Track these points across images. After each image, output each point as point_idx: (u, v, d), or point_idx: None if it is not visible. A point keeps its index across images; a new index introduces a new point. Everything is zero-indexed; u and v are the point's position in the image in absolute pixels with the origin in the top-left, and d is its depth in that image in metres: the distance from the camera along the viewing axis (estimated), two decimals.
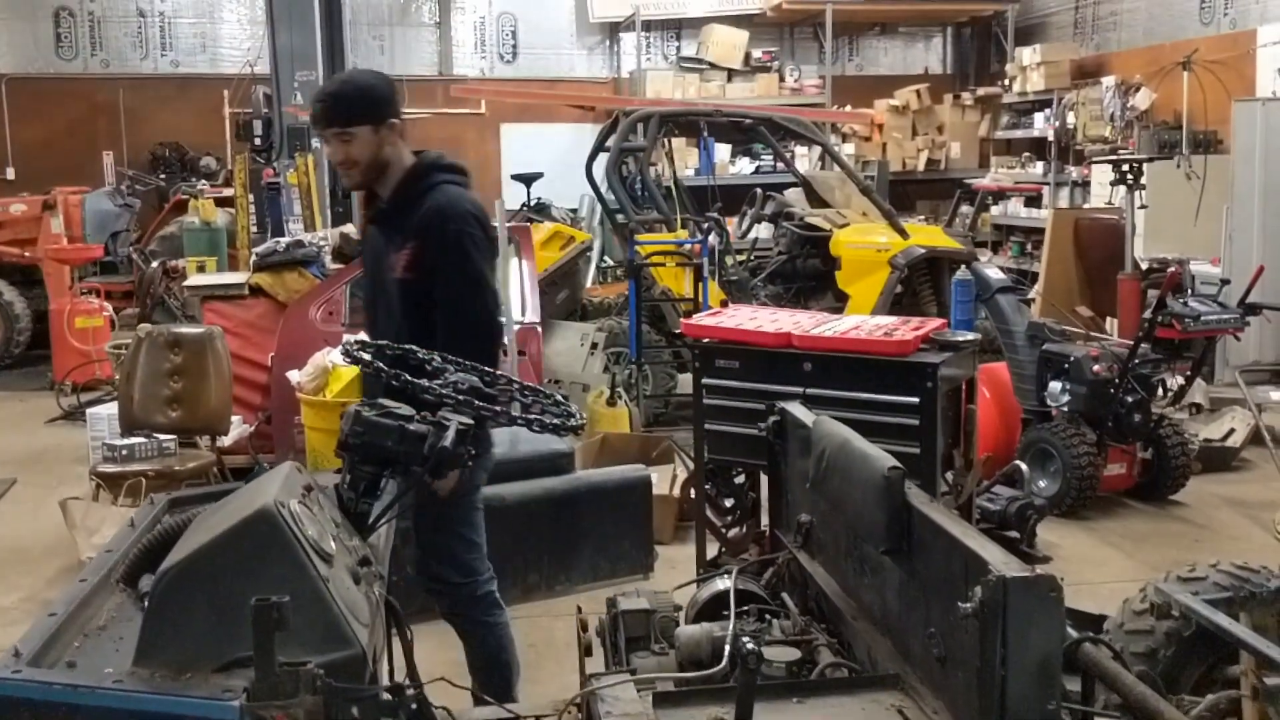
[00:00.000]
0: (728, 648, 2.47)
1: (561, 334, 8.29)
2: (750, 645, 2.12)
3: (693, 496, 5.09)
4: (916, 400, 4.27)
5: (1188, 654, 3.32)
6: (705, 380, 4.74)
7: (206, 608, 1.86)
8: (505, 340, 6.60)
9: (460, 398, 2.33)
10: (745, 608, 2.79)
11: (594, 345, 8.06)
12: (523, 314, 7.13)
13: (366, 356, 2.49)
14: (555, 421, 2.36)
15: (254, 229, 9.35)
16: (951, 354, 4.41)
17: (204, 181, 12.56)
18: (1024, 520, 5.62)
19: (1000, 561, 1.96)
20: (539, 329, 7.29)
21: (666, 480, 6.04)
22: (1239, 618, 3.05)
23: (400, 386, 2.37)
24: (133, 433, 5.73)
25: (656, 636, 2.76)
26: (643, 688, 2.41)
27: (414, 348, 2.70)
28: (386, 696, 1.83)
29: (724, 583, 2.91)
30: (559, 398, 2.53)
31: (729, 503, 5.09)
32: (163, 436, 5.70)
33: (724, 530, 5.09)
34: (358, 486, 2.37)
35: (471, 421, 2.31)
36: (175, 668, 1.82)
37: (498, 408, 2.34)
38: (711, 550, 4.63)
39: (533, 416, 2.34)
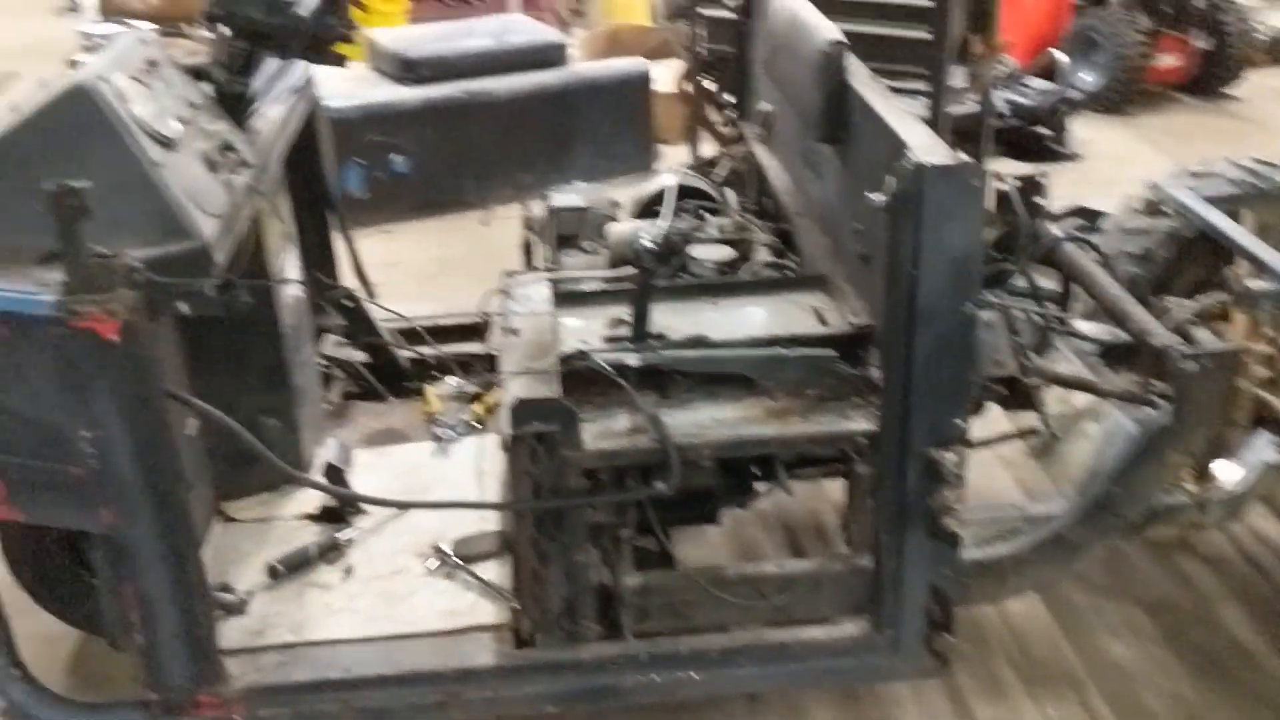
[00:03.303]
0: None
1: None
2: (647, 243, 1.92)
3: (690, 91, 4.75)
4: None
5: (1185, 256, 3.08)
6: None
7: (22, 194, 1.67)
8: None
9: None
10: (685, 204, 2.58)
11: None
12: None
13: None
14: None
15: None
16: None
17: None
18: (1055, 114, 5.24)
19: (923, 147, 1.69)
20: None
21: (676, 76, 5.66)
22: (1239, 216, 2.76)
23: None
24: (111, 20, 5.51)
25: (590, 235, 2.58)
26: (563, 287, 2.26)
27: None
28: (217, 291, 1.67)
29: (669, 179, 2.68)
30: None
31: (731, 98, 4.75)
32: (141, 24, 5.43)
33: (727, 126, 4.80)
34: (232, 65, 2.12)
35: None
36: None
37: None
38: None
39: None
